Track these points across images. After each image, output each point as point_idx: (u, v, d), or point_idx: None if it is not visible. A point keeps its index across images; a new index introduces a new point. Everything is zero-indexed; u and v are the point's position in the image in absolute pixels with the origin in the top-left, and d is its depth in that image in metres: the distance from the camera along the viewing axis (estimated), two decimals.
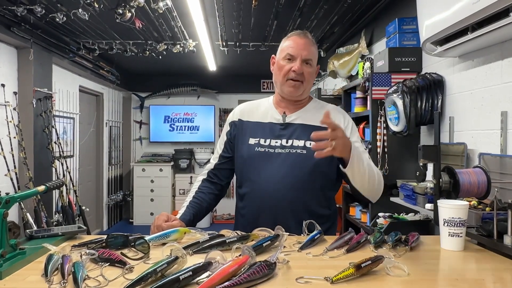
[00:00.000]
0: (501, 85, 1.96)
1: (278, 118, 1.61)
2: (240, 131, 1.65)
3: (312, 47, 1.58)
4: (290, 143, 1.55)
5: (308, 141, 1.53)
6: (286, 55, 1.55)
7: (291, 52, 1.54)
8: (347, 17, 3.71)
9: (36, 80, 3.91)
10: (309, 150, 1.52)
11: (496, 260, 1.22)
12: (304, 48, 1.54)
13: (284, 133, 1.58)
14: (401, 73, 2.73)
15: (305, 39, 1.56)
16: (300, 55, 1.53)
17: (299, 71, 1.53)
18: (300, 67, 1.53)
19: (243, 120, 1.67)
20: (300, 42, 1.55)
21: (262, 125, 1.62)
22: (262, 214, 1.54)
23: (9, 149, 3.54)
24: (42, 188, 1.31)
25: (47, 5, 3.28)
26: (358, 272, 1.01)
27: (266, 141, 1.58)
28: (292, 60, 1.54)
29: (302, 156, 1.53)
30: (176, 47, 4.48)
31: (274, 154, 1.54)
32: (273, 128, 1.60)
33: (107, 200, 6.42)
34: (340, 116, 1.62)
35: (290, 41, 1.56)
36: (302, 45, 1.54)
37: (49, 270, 1.01)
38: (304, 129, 1.56)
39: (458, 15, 1.87)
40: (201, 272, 0.97)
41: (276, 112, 1.63)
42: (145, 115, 7.39)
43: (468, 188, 1.40)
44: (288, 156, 1.54)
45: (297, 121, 1.60)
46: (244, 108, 1.71)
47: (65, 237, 1.38)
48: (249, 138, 1.61)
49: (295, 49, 1.54)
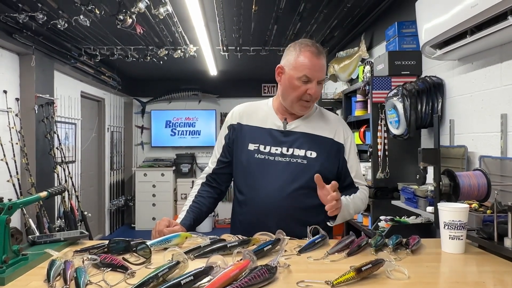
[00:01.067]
0: (501, 88, 1.97)
1: (279, 125, 1.59)
2: (240, 135, 1.62)
3: (324, 64, 1.54)
4: (291, 152, 1.54)
5: (309, 151, 1.54)
6: (303, 77, 1.48)
7: (308, 75, 1.48)
8: (347, 21, 3.73)
9: (38, 86, 3.93)
10: (310, 160, 1.53)
11: (497, 262, 1.22)
12: (320, 69, 1.50)
13: (285, 140, 1.56)
14: (401, 76, 2.74)
15: (321, 60, 1.51)
16: (317, 77, 1.50)
17: (316, 95, 1.51)
18: (317, 90, 1.51)
19: (242, 124, 1.63)
20: (317, 63, 1.49)
21: (262, 131, 1.59)
22: (260, 221, 1.53)
23: (11, 155, 3.56)
24: (45, 194, 1.32)
25: (49, 12, 3.30)
26: (359, 275, 1.02)
27: (266, 147, 1.56)
28: (308, 82, 1.49)
29: (302, 166, 1.53)
30: (177, 52, 4.50)
31: (274, 162, 1.54)
32: (274, 134, 1.58)
33: (109, 205, 6.43)
34: (340, 128, 1.63)
35: (307, 60, 1.48)
36: (319, 66, 1.50)
37: (52, 276, 1.02)
38: (306, 138, 1.56)
39: (457, 18, 1.87)
40: (203, 276, 0.97)
41: (276, 118, 1.61)
42: (146, 120, 7.41)
43: (468, 191, 1.41)
44: (288, 165, 1.53)
45: (298, 129, 1.58)
46: (243, 111, 1.67)
47: (67, 243, 1.39)
48: (248, 143, 1.59)
49: (312, 71, 1.48)
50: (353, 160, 1.63)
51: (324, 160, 1.55)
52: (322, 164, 1.54)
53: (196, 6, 3.20)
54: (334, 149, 1.58)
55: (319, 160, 1.54)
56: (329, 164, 1.57)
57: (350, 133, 1.66)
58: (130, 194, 7.17)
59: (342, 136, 1.60)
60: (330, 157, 1.57)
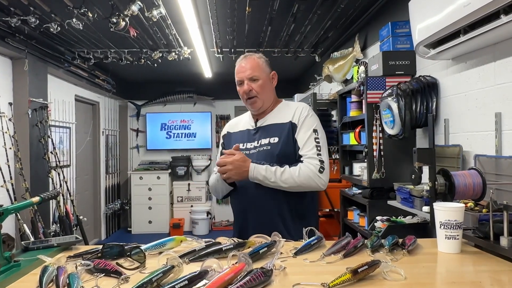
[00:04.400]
0: (495, 87, 1.97)
1: (252, 125, 1.88)
2: (228, 142, 1.94)
3: (253, 63, 1.80)
4: (260, 143, 1.80)
5: (272, 137, 1.78)
6: (237, 82, 1.82)
7: (238, 78, 1.81)
8: (341, 21, 3.73)
9: (32, 91, 3.90)
10: (273, 145, 1.76)
11: (493, 261, 1.22)
12: (245, 69, 1.79)
13: (256, 136, 1.84)
14: (395, 76, 2.74)
15: (246, 60, 1.81)
16: (244, 77, 1.78)
17: (248, 91, 1.78)
18: (247, 88, 1.78)
19: (230, 132, 1.97)
20: (242, 66, 1.81)
21: (241, 133, 1.90)
22: (245, 209, 1.78)
23: (5, 160, 3.53)
24: (37, 199, 1.31)
25: (41, 16, 3.28)
26: (355, 277, 1.01)
27: (245, 144, 1.83)
28: (242, 84, 1.79)
29: (267, 152, 1.76)
30: (171, 54, 4.49)
31: (250, 155, 1.78)
32: (249, 133, 1.87)
33: (105, 209, 6.39)
34: (298, 111, 1.79)
35: (237, 67, 1.83)
36: (243, 68, 1.79)
37: (44, 282, 1.00)
38: (269, 128, 1.82)
39: (450, 18, 1.88)
40: (197, 280, 0.96)
41: (252, 120, 1.90)
42: (141, 123, 7.38)
43: (463, 190, 1.41)
44: (258, 154, 1.77)
45: (264, 123, 1.85)
46: (231, 123, 2.01)
47: (60, 248, 1.37)
48: (233, 145, 1.81)
49: (239, 74, 1.80)
50: (303, 135, 1.74)
51: (284, 142, 1.75)
52: (282, 146, 1.74)
53: (189, 8, 3.19)
54: (291, 131, 1.77)
55: (280, 143, 1.75)
56: (288, 145, 1.75)
57: (307, 113, 1.79)
58: (126, 197, 7.13)
59: (298, 117, 1.78)
60: (289, 138, 1.76)
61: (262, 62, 1.83)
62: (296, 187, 1.68)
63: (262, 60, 1.84)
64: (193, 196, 6.93)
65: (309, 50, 4.75)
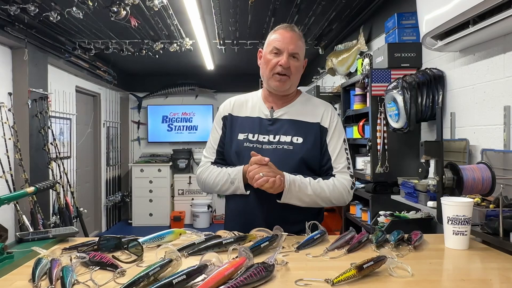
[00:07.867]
0: (504, 79, 1.92)
1: (266, 113, 1.61)
2: (230, 126, 1.65)
3: (299, 40, 1.56)
4: (278, 139, 1.56)
5: (295, 136, 1.55)
6: (273, 49, 1.54)
7: (278, 46, 1.53)
8: (345, 13, 3.67)
9: (31, 81, 3.86)
10: (296, 145, 1.55)
11: (502, 258, 1.18)
12: (290, 41, 1.53)
13: (272, 128, 1.58)
14: (400, 69, 2.69)
15: (292, 32, 1.55)
16: (287, 49, 1.52)
17: (286, 65, 1.52)
18: (287, 61, 1.52)
19: (233, 115, 1.66)
20: (286, 35, 1.53)
21: (251, 120, 1.62)
22: (251, 209, 1.54)
23: (4, 151, 3.50)
24: (32, 189, 1.27)
25: (41, 4, 3.23)
26: (360, 273, 0.98)
27: (255, 136, 1.58)
28: (279, 54, 1.53)
29: (289, 152, 1.54)
30: (173, 46, 4.43)
31: (262, 149, 1.55)
32: (261, 123, 1.60)
33: (105, 201, 6.37)
34: (327, 113, 1.61)
35: (277, 35, 1.55)
36: (289, 38, 1.53)
37: (37, 275, 0.97)
38: (291, 125, 1.58)
39: (459, 8, 1.82)
40: (196, 275, 0.93)
41: (264, 107, 1.63)
42: (143, 115, 7.34)
43: (472, 184, 1.36)
44: (275, 152, 1.54)
45: (284, 117, 1.60)
46: (234, 102, 1.69)
47: (56, 240, 1.34)
48: (238, 133, 1.61)
49: (282, 43, 1.52)
50: (336, 145, 1.58)
51: (310, 145, 1.56)
52: (308, 149, 1.55)
53: None
54: (319, 134, 1.58)
55: (306, 145, 1.55)
56: (314, 149, 1.56)
57: (337, 118, 1.64)
58: (126, 190, 7.11)
59: (328, 120, 1.60)
60: (316, 142, 1.57)
61: (304, 44, 1.60)
62: (328, 202, 1.52)
63: (303, 41, 1.61)
64: (194, 189, 6.90)
65: (313, 42, 4.69)
